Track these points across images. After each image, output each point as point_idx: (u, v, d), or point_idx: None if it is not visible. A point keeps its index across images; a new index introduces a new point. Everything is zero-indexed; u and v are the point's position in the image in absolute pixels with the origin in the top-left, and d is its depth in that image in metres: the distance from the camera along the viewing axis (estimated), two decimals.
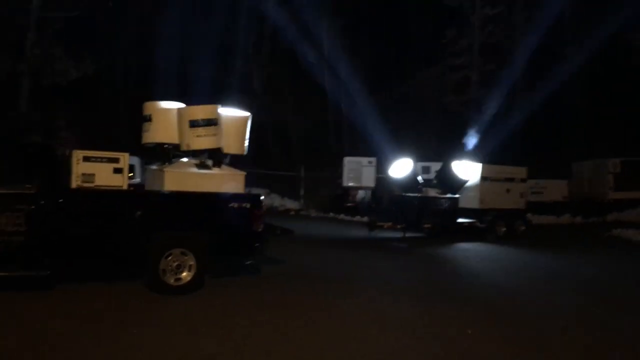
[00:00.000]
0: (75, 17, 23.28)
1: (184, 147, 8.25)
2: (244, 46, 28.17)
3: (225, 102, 8.88)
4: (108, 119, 27.78)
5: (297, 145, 29.86)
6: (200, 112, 8.18)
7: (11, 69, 23.03)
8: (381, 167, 21.37)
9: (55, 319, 6.16)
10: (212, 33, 27.51)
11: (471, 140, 25.29)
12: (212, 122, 8.16)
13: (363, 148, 24.89)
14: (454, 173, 15.25)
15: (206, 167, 8.26)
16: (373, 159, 21.64)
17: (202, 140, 8.11)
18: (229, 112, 8.67)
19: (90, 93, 26.39)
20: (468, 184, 15.57)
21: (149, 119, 8.57)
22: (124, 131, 27.11)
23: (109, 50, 27.57)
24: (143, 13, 28.47)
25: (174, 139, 8.44)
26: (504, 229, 15.54)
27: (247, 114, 8.83)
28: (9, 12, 22.71)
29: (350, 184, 21.26)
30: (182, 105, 8.66)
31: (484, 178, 15.80)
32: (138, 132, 8.91)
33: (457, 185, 15.38)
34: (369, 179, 21.43)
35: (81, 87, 24.88)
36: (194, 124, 8.07)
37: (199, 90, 25.23)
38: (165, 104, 8.68)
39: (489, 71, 26.44)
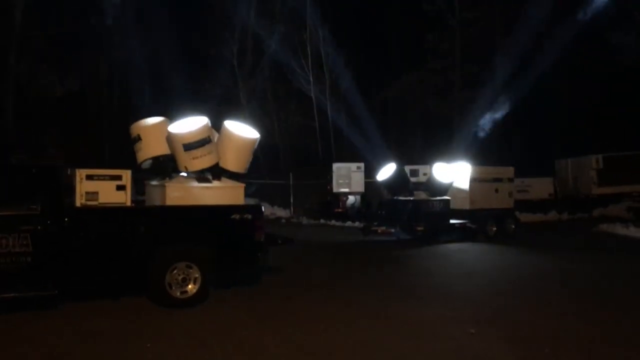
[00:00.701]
0: (58, 34, 23.26)
1: (182, 169, 8.31)
2: (228, 57, 28.23)
3: (210, 114, 8.95)
4: (93, 135, 27.71)
5: (285, 153, 30.01)
6: (192, 135, 8.07)
7: None
8: (370, 172, 21.64)
9: (62, 338, 6.21)
10: (196, 45, 27.62)
11: (456, 142, 25.70)
12: (206, 141, 8.15)
13: (350, 153, 25.14)
14: (434, 177, 15.45)
15: (206, 180, 8.37)
16: (361, 164, 21.90)
17: (199, 162, 8.15)
18: (237, 130, 8.70)
19: (75, 110, 26.28)
20: (458, 185, 15.80)
21: (138, 138, 8.63)
22: (110, 147, 27.14)
23: (93, 66, 27.52)
24: (127, 29, 28.44)
25: (167, 150, 8.53)
26: (494, 228, 15.79)
27: (256, 135, 8.83)
28: None
29: (340, 190, 21.46)
30: (163, 119, 8.76)
31: (473, 179, 16.05)
32: (130, 153, 8.95)
33: (440, 188, 15.52)
34: (358, 184, 21.68)
35: (66, 104, 24.83)
36: (188, 147, 8.05)
37: (185, 102, 25.29)
38: (151, 120, 8.79)
39: (470, 73, 26.84)
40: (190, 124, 8.28)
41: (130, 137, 8.77)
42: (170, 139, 8.33)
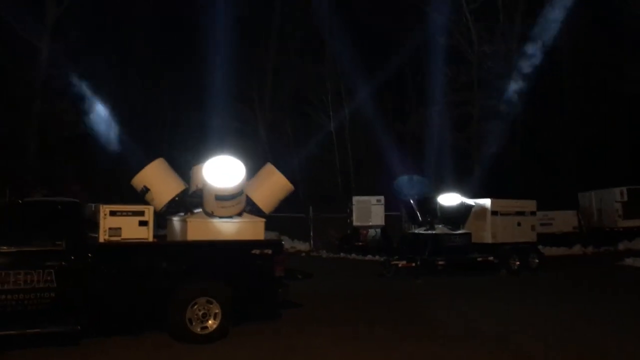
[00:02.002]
0: (81, 72, 23.81)
1: (208, 212, 8.31)
2: (247, 91, 28.65)
3: (229, 148, 9.01)
4: (114, 171, 28.05)
5: (304, 186, 30.07)
6: (228, 190, 8.02)
7: (20, 123, 23.50)
8: (390, 205, 21.55)
9: None
10: (214, 79, 28.03)
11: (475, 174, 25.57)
12: (238, 194, 8.19)
13: (371, 187, 25.10)
14: (443, 205, 15.37)
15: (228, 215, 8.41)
16: (381, 198, 21.85)
17: (226, 211, 8.21)
18: (278, 174, 8.86)
19: (97, 147, 26.70)
20: (477, 218, 15.66)
21: (146, 190, 8.41)
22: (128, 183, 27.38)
23: (114, 101, 28.03)
24: (144, 63, 29.13)
25: (180, 187, 8.56)
26: (517, 262, 15.51)
27: (291, 186, 9.02)
28: (17, 68, 23.30)
29: (360, 223, 21.40)
30: (158, 160, 8.61)
31: (493, 212, 15.87)
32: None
33: (452, 214, 15.39)
34: (378, 218, 21.61)
35: (88, 141, 25.24)
36: (220, 198, 8.06)
37: (204, 136, 25.66)
38: (150, 169, 8.57)
39: (489, 106, 26.83)
40: (229, 176, 8.07)
41: (137, 191, 8.56)
42: (204, 185, 8.22)
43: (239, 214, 8.45)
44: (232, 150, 8.90)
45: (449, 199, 15.47)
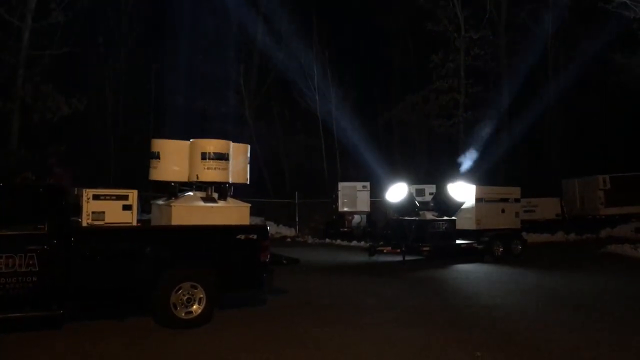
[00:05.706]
0: (64, 53, 23.48)
1: (192, 178, 8.42)
2: (234, 76, 28.42)
3: (216, 133, 9.07)
4: (99, 154, 27.86)
5: (290, 172, 30.05)
6: (212, 145, 8.42)
7: (2, 106, 23.11)
8: (376, 192, 21.60)
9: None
10: (201, 64, 27.80)
11: (463, 162, 25.66)
12: (223, 156, 8.40)
13: (356, 173, 25.14)
14: (450, 196, 15.46)
15: (212, 200, 8.37)
16: (367, 184, 21.90)
17: (211, 173, 8.30)
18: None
19: (82, 129, 26.44)
20: (464, 205, 15.76)
21: (157, 156, 8.48)
22: (116, 166, 27.29)
23: (99, 85, 27.76)
24: (131, 47, 28.85)
25: (183, 177, 8.53)
26: (501, 249, 15.66)
27: (247, 145, 9.23)
28: None
29: (346, 209, 21.43)
30: (189, 142, 8.66)
31: (478, 199, 16.00)
32: (135, 172, 8.94)
33: (453, 208, 15.57)
34: (363, 204, 21.66)
35: (72, 123, 24.96)
36: (204, 156, 8.29)
37: (191, 121, 25.45)
38: (175, 142, 8.68)
39: (475, 93, 26.89)
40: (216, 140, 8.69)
41: (149, 150, 8.66)
42: (191, 147, 8.53)
43: (223, 198, 8.42)
44: (219, 136, 8.92)
45: (456, 190, 15.51)
